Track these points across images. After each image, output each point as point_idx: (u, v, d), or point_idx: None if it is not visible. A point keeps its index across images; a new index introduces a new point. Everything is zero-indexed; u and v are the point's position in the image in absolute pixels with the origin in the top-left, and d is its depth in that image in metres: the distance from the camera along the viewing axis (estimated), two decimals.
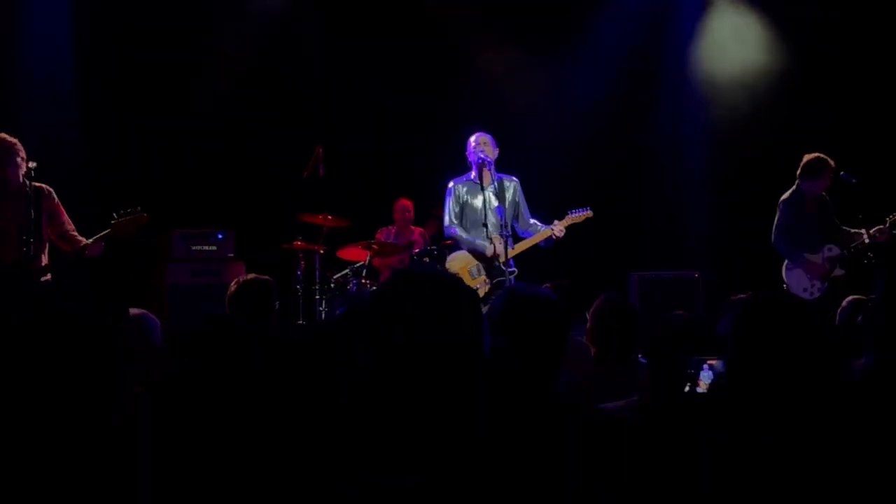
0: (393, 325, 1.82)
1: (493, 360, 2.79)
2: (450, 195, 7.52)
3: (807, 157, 7.74)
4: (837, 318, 5.24)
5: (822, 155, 7.69)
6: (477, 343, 1.85)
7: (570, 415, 2.82)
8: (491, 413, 1.91)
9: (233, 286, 4.79)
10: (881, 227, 7.49)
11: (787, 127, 9.62)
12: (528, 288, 3.18)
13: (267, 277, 4.89)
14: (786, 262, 7.80)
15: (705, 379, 5.12)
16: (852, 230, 7.70)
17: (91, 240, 6.70)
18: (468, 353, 1.82)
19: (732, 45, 10.23)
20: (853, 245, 7.62)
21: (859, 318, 4.40)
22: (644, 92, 10.49)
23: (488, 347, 2.12)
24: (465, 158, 7.56)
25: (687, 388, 3.81)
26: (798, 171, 7.75)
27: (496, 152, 7.44)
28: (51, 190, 6.73)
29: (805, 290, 7.62)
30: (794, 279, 7.74)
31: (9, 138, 6.65)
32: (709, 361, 5.30)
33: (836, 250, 7.66)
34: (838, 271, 7.64)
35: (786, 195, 7.78)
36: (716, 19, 10.33)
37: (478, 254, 7.33)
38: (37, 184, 6.64)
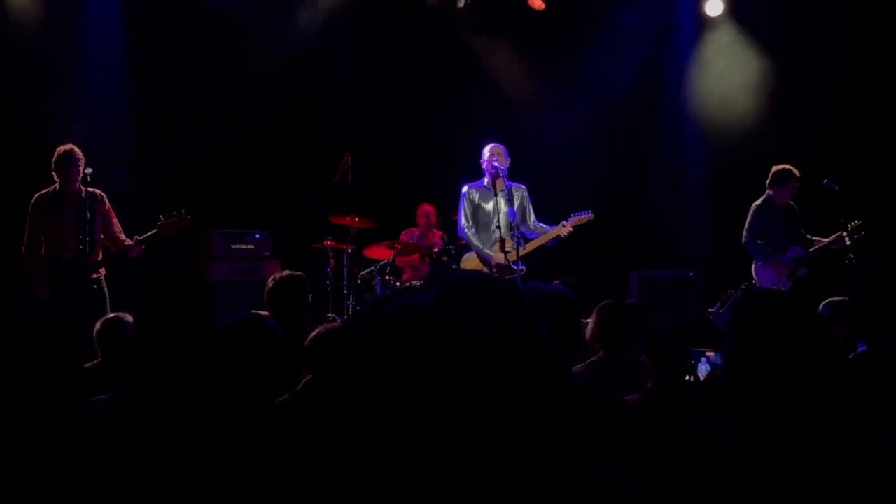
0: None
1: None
2: (464, 199, 7.58)
3: (775, 168, 7.87)
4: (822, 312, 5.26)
5: (788, 166, 7.81)
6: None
7: (586, 398, 2.83)
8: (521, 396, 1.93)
9: (270, 282, 4.82)
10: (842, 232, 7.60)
11: (775, 141, 9.57)
12: (546, 285, 3.19)
13: (300, 274, 4.92)
14: (755, 261, 7.88)
15: (702, 370, 5.10)
16: (814, 237, 7.79)
17: (136, 240, 6.86)
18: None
19: (726, 65, 10.24)
20: (822, 247, 7.69)
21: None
22: (645, 107, 10.51)
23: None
24: (479, 166, 7.61)
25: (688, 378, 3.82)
26: (767, 181, 7.85)
27: (508, 162, 7.50)
28: (103, 195, 6.97)
29: (773, 285, 7.67)
30: (764, 276, 7.81)
31: (75, 150, 6.82)
32: (707, 354, 5.27)
33: (800, 251, 7.73)
34: (801, 271, 7.70)
35: (758, 202, 7.89)
36: (712, 40, 10.35)
37: (483, 260, 7.38)
38: (91, 189, 6.76)
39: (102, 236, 6.93)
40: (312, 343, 3.63)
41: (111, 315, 4.61)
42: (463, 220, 7.55)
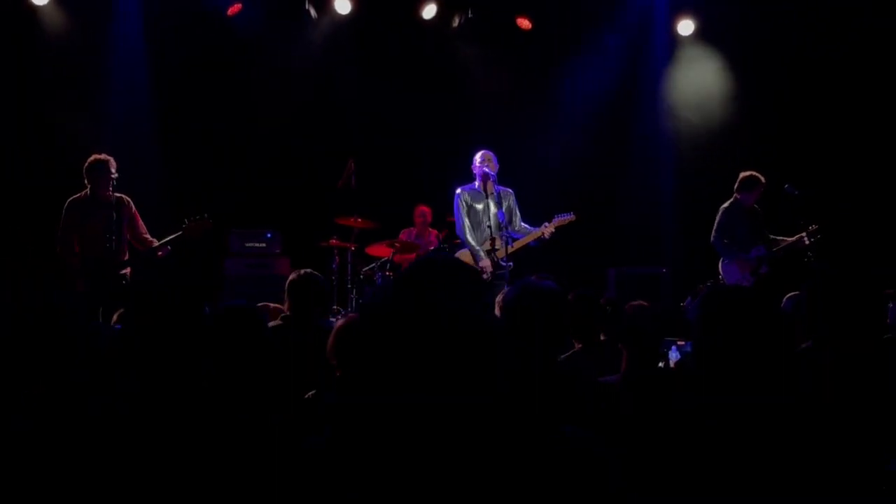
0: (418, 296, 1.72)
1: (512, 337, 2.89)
2: (458, 201, 7.63)
3: (742, 174, 7.96)
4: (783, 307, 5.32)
5: (754, 172, 7.91)
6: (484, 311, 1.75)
7: (570, 381, 2.95)
8: (509, 379, 1.76)
9: (293, 276, 4.89)
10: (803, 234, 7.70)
11: (741, 148, 9.66)
12: (536, 281, 3.24)
13: (318, 274, 4.98)
14: (722, 258, 7.97)
15: (673, 358, 5.26)
16: (777, 237, 7.90)
17: (162, 242, 6.94)
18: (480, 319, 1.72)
19: (696, 78, 10.36)
20: (784, 247, 7.80)
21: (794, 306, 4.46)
22: (623, 118, 10.56)
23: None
24: (470, 172, 7.67)
25: (661, 365, 3.94)
26: (735, 185, 7.95)
27: (497, 167, 7.53)
28: (129, 199, 7.03)
29: (738, 281, 7.73)
30: (729, 273, 7.88)
31: (105, 159, 6.90)
32: (677, 343, 5.43)
33: (763, 250, 7.82)
34: (764, 268, 7.81)
35: (725, 204, 7.99)
36: (683, 55, 10.45)
37: (474, 258, 7.41)
38: (118, 194, 6.88)
39: (130, 237, 7.02)
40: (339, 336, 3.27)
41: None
42: (460, 225, 7.60)
